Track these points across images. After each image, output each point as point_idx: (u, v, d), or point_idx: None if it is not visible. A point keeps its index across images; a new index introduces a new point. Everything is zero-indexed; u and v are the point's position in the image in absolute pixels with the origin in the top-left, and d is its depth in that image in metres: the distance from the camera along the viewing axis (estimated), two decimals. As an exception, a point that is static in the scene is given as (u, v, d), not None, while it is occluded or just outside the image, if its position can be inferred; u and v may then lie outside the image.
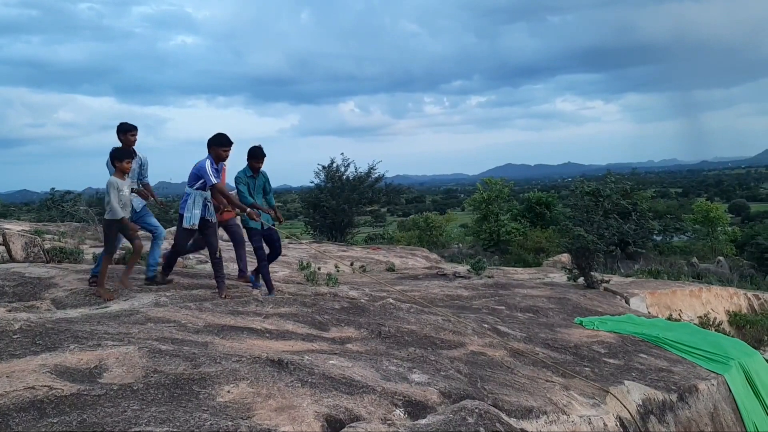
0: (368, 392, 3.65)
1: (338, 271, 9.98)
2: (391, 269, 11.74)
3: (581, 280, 10.23)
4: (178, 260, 7.71)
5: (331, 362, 4.12)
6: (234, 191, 6.73)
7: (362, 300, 6.68)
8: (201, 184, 6.21)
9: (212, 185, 6.16)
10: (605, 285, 10.07)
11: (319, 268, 9.54)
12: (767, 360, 7.21)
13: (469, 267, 11.76)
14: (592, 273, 10.35)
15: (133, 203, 6.27)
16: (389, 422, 3.33)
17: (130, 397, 3.19)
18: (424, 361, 4.59)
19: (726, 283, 14.42)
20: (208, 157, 6.24)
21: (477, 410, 3.44)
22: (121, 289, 6.10)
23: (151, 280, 6.51)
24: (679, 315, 9.66)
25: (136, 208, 6.43)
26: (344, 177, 22.61)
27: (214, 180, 6.14)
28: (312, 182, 23.31)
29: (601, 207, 21.66)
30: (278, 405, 3.28)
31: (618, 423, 4.46)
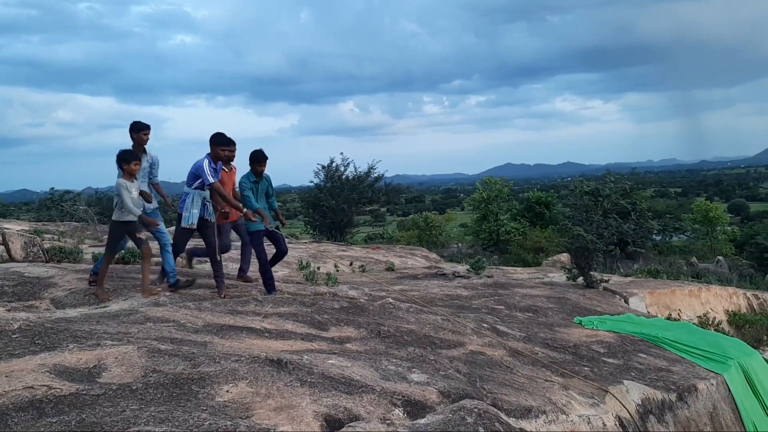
0: (367, 392, 3.64)
1: (338, 271, 9.98)
2: (391, 269, 11.73)
3: (580, 280, 10.23)
4: (177, 260, 7.69)
5: (331, 362, 4.12)
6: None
7: (361, 300, 6.68)
8: (199, 184, 6.22)
9: (209, 184, 6.17)
10: (604, 285, 10.07)
11: (319, 268, 9.54)
12: (766, 360, 7.21)
13: (469, 267, 11.75)
14: (592, 273, 10.35)
15: (145, 206, 6.25)
16: (388, 422, 3.33)
17: (129, 397, 3.19)
18: (424, 361, 4.59)
19: (725, 283, 14.43)
20: (207, 157, 6.26)
21: (476, 410, 3.44)
22: (120, 289, 6.10)
23: (174, 286, 6.29)
24: (679, 315, 9.66)
25: (147, 210, 6.39)
26: (344, 177, 22.62)
27: (212, 179, 6.15)
28: (311, 182, 23.32)
29: (601, 207, 21.66)
30: (277, 404, 3.28)
31: (617, 422, 4.46)
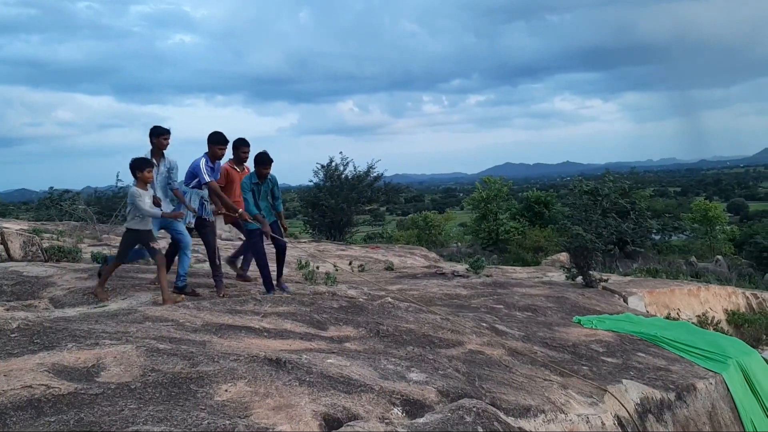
0: (366, 391, 3.64)
1: (337, 270, 9.97)
2: (390, 268, 11.73)
3: (580, 279, 10.23)
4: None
5: (329, 361, 4.12)
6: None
7: (361, 299, 6.68)
8: (197, 183, 6.28)
9: (205, 183, 6.21)
10: (604, 284, 10.07)
11: (318, 267, 9.53)
12: (765, 359, 7.21)
13: (468, 266, 11.74)
14: (591, 272, 10.35)
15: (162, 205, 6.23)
16: (387, 421, 3.33)
17: (128, 396, 3.18)
18: (423, 360, 4.59)
19: (724, 282, 14.42)
20: (204, 156, 6.30)
21: (475, 409, 3.44)
22: (119, 289, 6.10)
23: (181, 290, 6.19)
24: (678, 314, 9.67)
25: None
26: (343, 176, 22.63)
27: (208, 178, 6.22)
28: (311, 181, 23.34)
29: (600, 206, 21.67)
30: (276, 404, 3.28)
31: (616, 422, 4.46)
